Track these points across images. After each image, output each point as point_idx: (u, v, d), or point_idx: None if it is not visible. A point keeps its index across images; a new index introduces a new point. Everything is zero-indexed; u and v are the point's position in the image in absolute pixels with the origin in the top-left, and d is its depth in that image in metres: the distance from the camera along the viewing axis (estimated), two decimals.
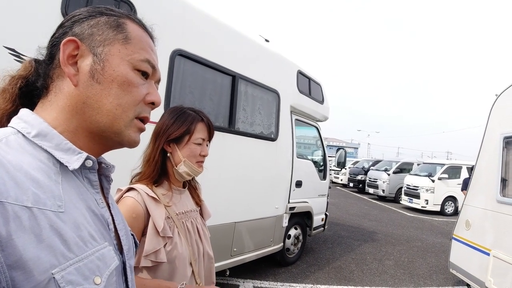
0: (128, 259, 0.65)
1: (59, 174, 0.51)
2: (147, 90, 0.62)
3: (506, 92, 3.68)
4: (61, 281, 0.44)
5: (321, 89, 5.57)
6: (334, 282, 4.47)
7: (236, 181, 3.61)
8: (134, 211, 1.08)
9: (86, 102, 0.55)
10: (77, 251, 0.48)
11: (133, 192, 1.12)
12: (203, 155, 1.22)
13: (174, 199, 1.22)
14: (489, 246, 3.42)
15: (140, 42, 0.61)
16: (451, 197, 11.77)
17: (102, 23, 0.58)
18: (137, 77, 0.60)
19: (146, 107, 0.63)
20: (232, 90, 3.54)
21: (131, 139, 0.61)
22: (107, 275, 0.53)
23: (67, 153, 0.53)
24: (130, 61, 0.59)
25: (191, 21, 3.05)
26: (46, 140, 0.52)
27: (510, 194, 3.39)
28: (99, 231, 0.56)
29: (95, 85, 0.55)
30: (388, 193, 14.61)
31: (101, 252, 0.53)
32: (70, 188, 0.52)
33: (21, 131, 0.51)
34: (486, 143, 3.87)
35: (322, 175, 5.65)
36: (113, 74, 0.56)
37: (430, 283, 4.75)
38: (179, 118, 1.20)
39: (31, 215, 0.43)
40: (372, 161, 19.26)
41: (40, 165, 0.49)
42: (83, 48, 0.56)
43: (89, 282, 0.48)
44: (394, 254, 6.05)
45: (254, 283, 4.11)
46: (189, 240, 1.20)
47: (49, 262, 0.43)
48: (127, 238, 0.66)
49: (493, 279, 3.23)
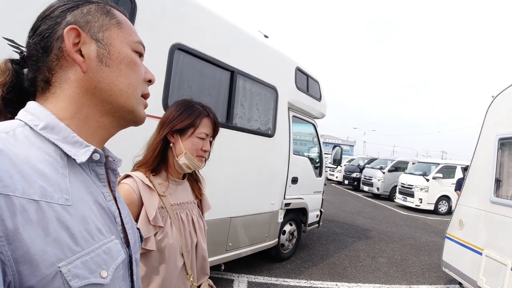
0: (135, 252, 0.65)
1: (66, 167, 0.51)
2: (144, 69, 0.66)
3: (502, 94, 3.70)
4: (67, 275, 0.44)
5: (319, 86, 5.57)
6: (328, 278, 4.51)
7: (233, 176, 3.61)
8: (128, 198, 1.08)
9: (97, 86, 0.57)
10: (84, 244, 0.48)
11: (129, 179, 1.14)
12: (204, 150, 1.23)
13: (170, 189, 1.23)
14: (482, 246, 3.45)
15: (129, 26, 0.64)
16: (445, 196, 11.87)
17: (94, 10, 0.59)
18: (137, 57, 0.64)
19: (146, 84, 0.67)
20: (230, 85, 3.54)
21: (142, 115, 0.65)
22: (113, 269, 0.53)
23: (74, 146, 0.53)
24: (128, 43, 0.62)
25: (190, 16, 3.04)
26: (54, 132, 0.52)
27: (503, 195, 3.43)
28: (106, 224, 0.56)
29: (104, 69, 0.57)
30: (382, 191, 14.71)
31: (108, 245, 0.53)
32: (77, 182, 0.52)
33: (28, 123, 0.51)
34: (481, 143, 3.90)
35: (318, 172, 5.66)
36: (119, 56, 0.59)
37: (423, 281, 4.80)
38: (186, 111, 1.22)
39: (38, 208, 0.43)
40: (368, 159, 19.33)
41: (47, 158, 0.49)
42: (84, 35, 0.56)
43: (95, 276, 0.48)
44: (388, 252, 6.10)
45: (249, 278, 4.13)
46: (183, 231, 1.20)
47: (55, 256, 0.43)
48: (133, 231, 0.67)
49: (485, 278, 3.27)
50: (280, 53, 4.49)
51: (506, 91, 3.64)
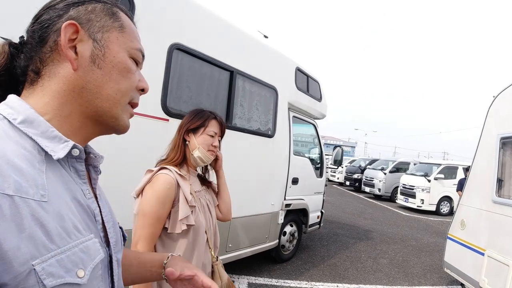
0: (116, 252, 0.63)
1: (44, 163, 0.50)
2: (138, 77, 0.65)
3: (503, 94, 3.68)
4: (41, 273, 0.42)
5: (319, 87, 5.55)
6: (329, 280, 4.48)
7: (233, 177, 3.59)
8: (169, 183, 1.33)
9: (85, 86, 0.56)
10: (60, 242, 0.46)
11: (166, 170, 1.38)
12: (214, 146, 1.51)
13: (191, 180, 1.49)
14: (484, 246, 3.43)
15: (132, 32, 0.63)
16: (446, 197, 11.83)
17: (99, 10, 0.58)
18: (133, 64, 0.62)
19: (137, 93, 0.65)
20: (230, 85, 3.52)
21: (125, 124, 0.63)
22: (91, 268, 0.51)
23: (52, 141, 0.52)
24: (127, 49, 0.61)
25: (189, 15, 3.02)
26: (32, 127, 0.51)
27: (505, 195, 3.40)
28: (85, 222, 0.54)
29: (95, 70, 0.56)
30: (384, 192, 14.66)
31: (86, 244, 0.51)
32: (55, 178, 0.51)
33: (7, 117, 0.50)
34: (483, 143, 3.88)
35: (319, 172, 5.64)
36: (114, 60, 0.58)
37: (425, 282, 4.76)
38: (198, 115, 1.52)
39: (12, 203, 0.42)
40: (369, 160, 19.30)
41: (24, 153, 0.48)
42: (82, 33, 0.55)
43: (71, 275, 0.47)
44: (389, 253, 6.07)
45: (249, 279, 4.11)
46: (204, 214, 1.47)
47: (29, 253, 0.42)
48: (114, 230, 0.65)
49: (487, 279, 3.25)
50: (280, 54, 4.47)
51: (507, 90, 3.62)
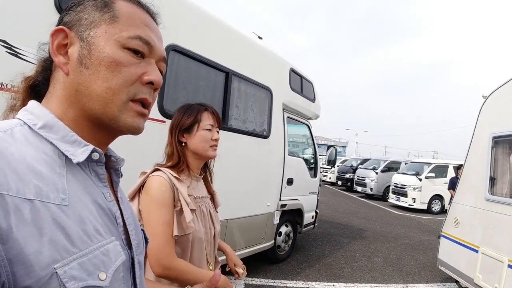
0: (137, 254, 0.62)
1: (64, 167, 0.50)
2: (143, 70, 0.57)
3: (495, 94, 3.75)
4: (63, 277, 0.42)
5: (313, 87, 5.59)
6: (325, 279, 4.50)
7: (229, 178, 3.58)
8: (163, 185, 1.20)
9: (78, 89, 0.53)
10: (81, 245, 0.46)
11: (159, 172, 1.25)
12: (215, 139, 1.36)
13: (193, 184, 1.35)
14: (478, 243, 3.48)
15: (130, 19, 0.56)
16: (437, 195, 11.99)
17: (89, 6, 0.55)
18: (127, 56, 0.55)
19: (144, 88, 0.58)
20: (225, 86, 3.51)
21: (128, 125, 0.56)
22: (112, 271, 0.51)
23: (72, 146, 0.52)
24: (118, 39, 0.54)
25: (185, 16, 3.01)
26: (52, 132, 0.51)
27: (498, 193, 3.46)
28: (106, 225, 0.54)
29: (83, 71, 0.53)
30: (376, 192, 14.80)
31: (107, 247, 0.51)
32: (75, 181, 0.50)
33: (27, 122, 0.51)
34: (475, 142, 3.94)
35: (313, 173, 5.67)
36: (100, 56, 0.53)
37: (419, 280, 4.82)
38: (187, 111, 1.35)
39: (32, 208, 0.42)
40: (360, 159, 19.44)
41: (44, 158, 0.48)
42: (72, 35, 0.54)
43: (93, 278, 0.47)
44: (383, 251, 6.13)
45: (246, 280, 4.10)
46: (203, 222, 1.33)
47: (51, 257, 0.42)
48: (136, 233, 0.64)
49: (482, 276, 3.30)
50: (274, 54, 4.49)
51: (499, 90, 3.69)
